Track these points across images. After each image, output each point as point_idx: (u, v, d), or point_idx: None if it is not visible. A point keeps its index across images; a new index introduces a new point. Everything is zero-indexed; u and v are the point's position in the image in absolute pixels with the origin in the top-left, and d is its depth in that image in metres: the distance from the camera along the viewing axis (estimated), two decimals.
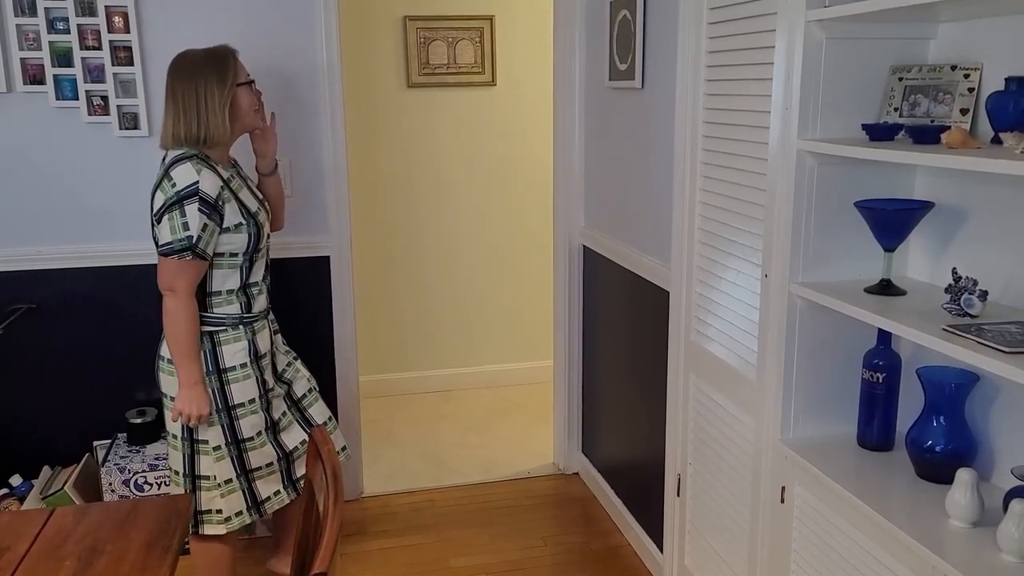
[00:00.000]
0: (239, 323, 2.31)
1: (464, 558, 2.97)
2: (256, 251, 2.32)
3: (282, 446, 2.42)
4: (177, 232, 2.15)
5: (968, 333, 1.43)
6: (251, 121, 2.35)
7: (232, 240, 2.25)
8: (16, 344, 2.98)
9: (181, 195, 2.15)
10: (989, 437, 1.68)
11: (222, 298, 2.28)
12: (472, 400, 4.45)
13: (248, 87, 2.32)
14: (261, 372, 2.35)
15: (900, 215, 1.72)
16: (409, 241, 4.39)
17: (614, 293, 3.11)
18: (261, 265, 2.37)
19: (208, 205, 2.17)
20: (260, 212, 2.34)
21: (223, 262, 2.26)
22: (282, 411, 2.44)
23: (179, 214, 2.15)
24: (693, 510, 2.47)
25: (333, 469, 1.50)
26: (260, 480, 2.38)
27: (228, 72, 2.26)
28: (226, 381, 2.28)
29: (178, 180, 2.16)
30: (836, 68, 1.77)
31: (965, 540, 1.49)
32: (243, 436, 2.32)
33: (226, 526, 2.34)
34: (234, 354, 2.29)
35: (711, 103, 2.22)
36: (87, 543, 1.68)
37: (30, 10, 2.79)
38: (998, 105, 1.51)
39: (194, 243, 2.16)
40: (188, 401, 2.23)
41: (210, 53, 2.28)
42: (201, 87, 2.22)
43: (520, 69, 4.31)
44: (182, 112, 2.22)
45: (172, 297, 2.20)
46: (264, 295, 2.39)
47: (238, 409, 2.30)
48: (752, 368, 2.07)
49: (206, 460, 2.32)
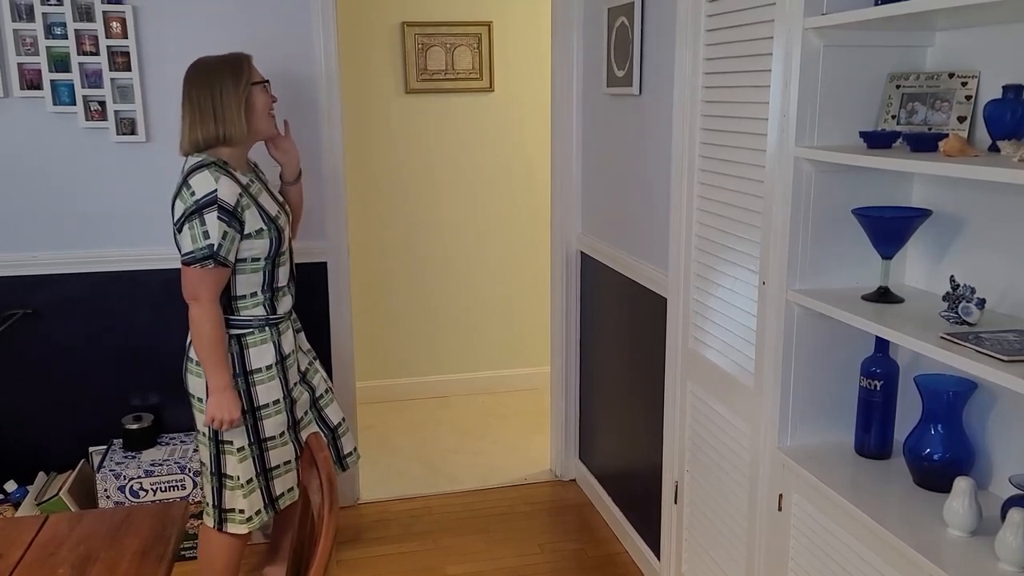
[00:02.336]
0: (265, 325, 2.33)
1: (460, 565, 2.96)
2: (279, 255, 2.33)
3: (300, 443, 2.44)
4: (198, 241, 2.16)
5: (966, 341, 1.43)
6: (267, 124, 2.36)
7: (254, 245, 2.26)
8: (12, 349, 2.97)
9: (200, 204, 2.16)
10: (987, 445, 1.68)
11: (247, 301, 2.30)
12: (469, 406, 4.44)
13: (263, 87, 2.34)
14: (285, 372, 2.37)
15: (898, 223, 1.71)
16: (406, 246, 4.39)
17: (611, 300, 3.10)
18: (286, 269, 2.39)
19: (227, 213, 2.17)
20: (280, 216, 2.36)
21: (246, 267, 2.27)
22: (304, 410, 2.47)
23: (199, 223, 2.16)
24: (690, 517, 2.46)
25: (328, 476, 1.49)
26: (277, 478, 2.41)
27: (243, 72, 2.28)
28: (252, 383, 2.31)
29: (197, 189, 2.17)
30: (834, 76, 1.77)
31: (963, 549, 1.48)
32: (265, 436, 2.35)
33: (248, 525, 2.38)
34: (261, 356, 2.31)
35: (708, 110, 2.22)
36: (80, 551, 1.67)
37: (28, 15, 2.79)
38: (996, 113, 1.51)
39: (215, 251, 2.17)
40: (219, 407, 2.24)
41: (224, 58, 2.31)
42: (217, 88, 2.24)
43: (518, 75, 4.31)
44: (199, 114, 2.24)
45: (197, 306, 2.21)
46: (288, 297, 2.41)
47: (263, 410, 2.32)
48: (749, 375, 2.06)
49: (231, 460, 2.35)
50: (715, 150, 2.20)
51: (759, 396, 2.00)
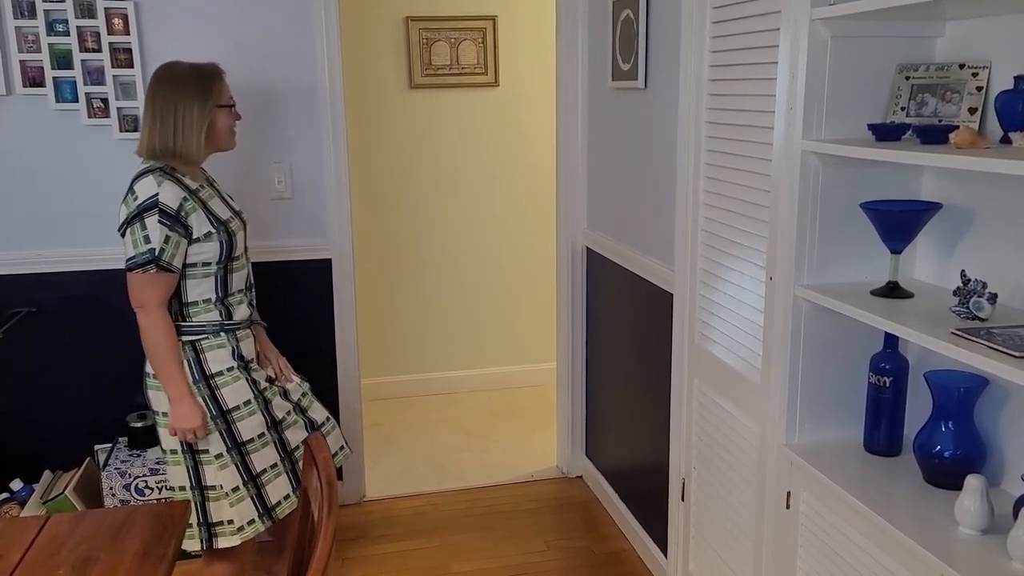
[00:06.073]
0: (220, 330, 2.28)
1: (466, 563, 2.95)
2: (231, 260, 2.29)
3: (284, 445, 2.39)
4: (139, 245, 2.13)
5: (977, 337, 1.40)
6: (226, 143, 2.33)
7: (203, 249, 2.22)
8: (16, 348, 2.97)
9: (141, 207, 2.13)
10: (998, 442, 1.65)
11: (199, 307, 2.25)
12: (474, 403, 4.43)
13: (228, 110, 2.30)
14: (250, 373, 2.32)
15: (907, 216, 1.69)
16: (411, 242, 4.37)
17: (617, 295, 3.08)
18: (242, 276, 2.34)
19: (169, 216, 2.14)
20: (233, 221, 2.31)
21: (196, 272, 2.23)
22: (286, 410, 2.41)
23: (140, 227, 2.13)
24: (697, 515, 2.44)
25: (328, 478, 1.48)
26: (269, 485, 2.35)
27: (211, 92, 2.23)
28: (215, 386, 2.25)
29: (139, 193, 2.14)
30: (841, 67, 1.74)
31: (974, 548, 1.46)
32: (243, 439, 2.29)
33: (240, 536, 2.30)
34: (219, 359, 2.26)
35: (714, 103, 2.20)
36: (81, 551, 1.66)
37: (29, 12, 2.78)
38: (1007, 104, 1.48)
39: (157, 256, 2.13)
40: (180, 417, 2.19)
41: (196, 69, 2.25)
42: (181, 103, 2.19)
43: (522, 69, 4.29)
44: (159, 124, 2.19)
45: (144, 314, 2.18)
46: (245, 304, 2.35)
47: (233, 413, 2.27)
48: (756, 372, 2.04)
49: (210, 470, 2.27)
50: (721, 144, 2.17)
51: (766, 393, 1.98)
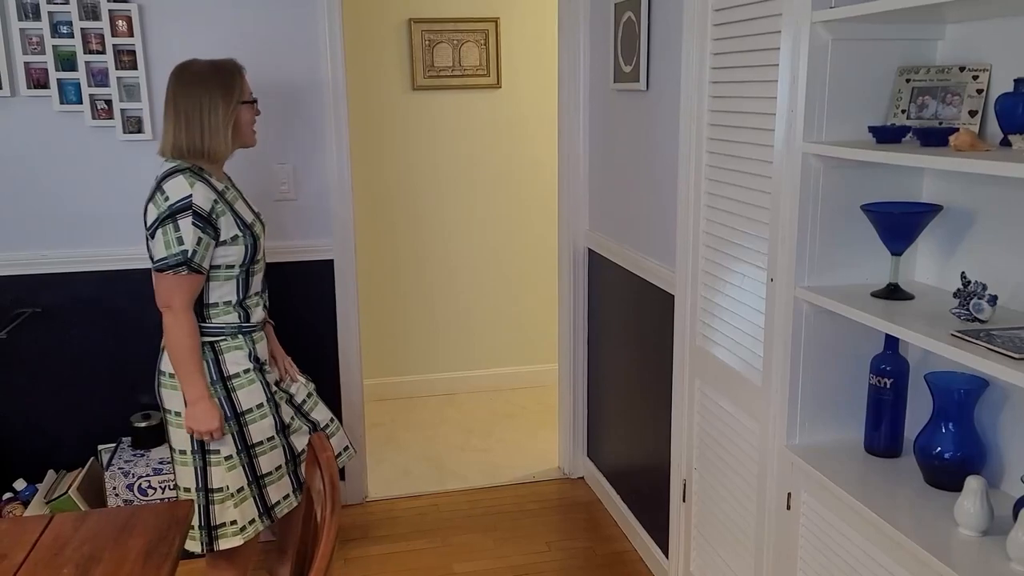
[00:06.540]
0: (238, 332, 2.29)
1: (468, 563, 2.96)
2: (253, 263, 2.30)
3: (292, 448, 2.41)
4: (171, 247, 2.12)
5: (977, 339, 1.41)
6: (249, 138, 2.34)
7: (229, 252, 2.23)
8: (21, 348, 2.98)
9: (174, 209, 2.12)
10: (999, 444, 1.65)
11: (219, 309, 2.26)
12: (476, 404, 4.43)
13: (251, 106, 2.31)
14: (264, 375, 2.34)
15: (908, 218, 1.69)
16: (413, 243, 4.38)
17: (619, 297, 3.09)
18: (259, 278, 2.35)
19: (202, 219, 2.14)
20: (256, 224, 2.33)
21: (219, 274, 2.24)
22: (291, 415, 2.43)
23: (173, 228, 2.12)
24: (699, 516, 2.45)
25: (331, 478, 1.48)
26: (271, 486, 2.36)
27: (235, 89, 2.23)
28: (232, 388, 2.26)
29: (171, 194, 2.13)
30: (842, 70, 1.75)
31: (974, 549, 1.46)
32: (252, 441, 2.30)
33: (242, 536, 2.31)
34: (236, 361, 2.27)
35: (716, 105, 2.20)
36: (85, 550, 1.67)
37: (34, 14, 2.79)
38: (1007, 107, 1.48)
39: (189, 257, 2.13)
40: (197, 418, 2.19)
41: (216, 67, 2.25)
42: (206, 102, 2.19)
43: (525, 71, 4.30)
44: (184, 124, 2.19)
45: (170, 313, 2.17)
46: (261, 307, 2.37)
47: (247, 415, 2.27)
48: (757, 373, 2.05)
49: (218, 471, 2.28)
50: (723, 145, 2.18)
51: (767, 394, 1.99)
